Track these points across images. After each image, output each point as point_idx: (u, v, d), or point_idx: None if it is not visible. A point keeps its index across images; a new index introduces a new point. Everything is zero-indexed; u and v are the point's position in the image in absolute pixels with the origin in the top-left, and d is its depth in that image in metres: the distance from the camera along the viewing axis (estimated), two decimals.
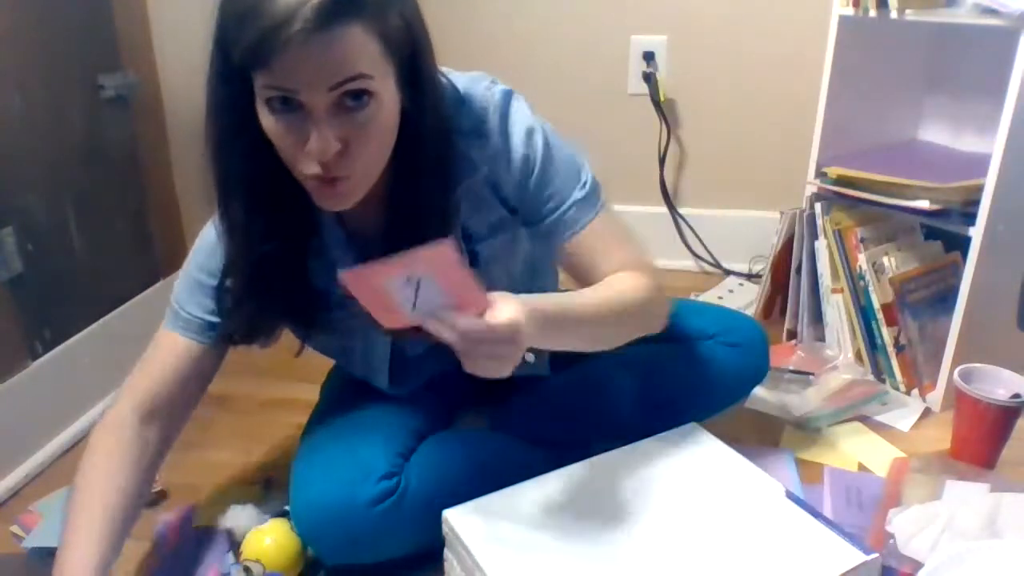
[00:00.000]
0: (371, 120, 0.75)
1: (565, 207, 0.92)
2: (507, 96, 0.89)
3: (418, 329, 0.74)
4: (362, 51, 0.71)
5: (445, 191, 0.86)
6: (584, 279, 0.92)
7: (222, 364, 0.98)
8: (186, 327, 0.93)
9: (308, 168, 0.75)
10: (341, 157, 0.75)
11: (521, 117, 0.89)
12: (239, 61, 0.71)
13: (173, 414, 0.95)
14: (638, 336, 0.93)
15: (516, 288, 0.78)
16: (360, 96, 0.73)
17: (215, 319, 0.92)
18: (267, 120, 0.75)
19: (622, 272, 0.91)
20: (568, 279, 0.98)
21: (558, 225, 0.92)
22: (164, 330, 0.95)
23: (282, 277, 0.88)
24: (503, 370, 0.73)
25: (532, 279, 1.03)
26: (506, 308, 0.71)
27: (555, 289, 1.09)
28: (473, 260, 0.93)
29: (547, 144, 0.90)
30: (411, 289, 0.70)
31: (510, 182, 0.91)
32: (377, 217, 0.88)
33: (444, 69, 0.87)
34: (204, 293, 0.92)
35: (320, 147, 0.73)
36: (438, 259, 0.68)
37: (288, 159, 0.77)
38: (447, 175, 0.86)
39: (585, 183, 0.93)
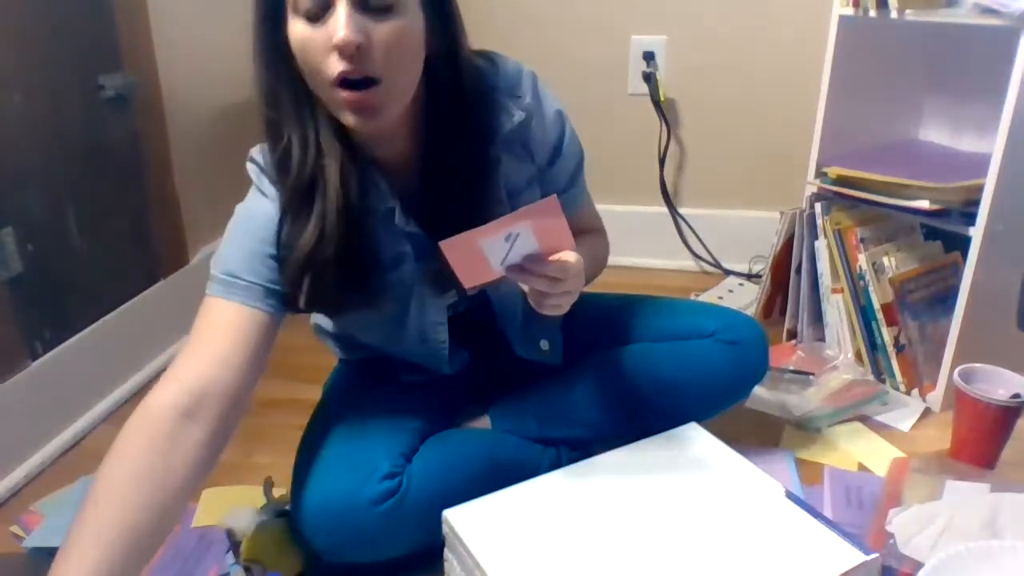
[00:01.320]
0: (396, 27, 0.77)
1: (575, 188, 1.05)
2: (535, 74, 0.96)
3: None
4: None
5: (484, 140, 0.90)
6: None
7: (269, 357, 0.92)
8: (247, 294, 0.86)
9: (335, 67, 0.76)
10: (366, 54, 0.76)
11: (551, 94, 0.97)
12: None
13: (224, 406, 0.82)
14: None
15: None
16: (385, 2, 0.76)
17: (277, 287, 0.87)
18: (296, 29, 0.77)
19: (593, 234, 1.10)
20: None
21: (570, 201, 1.02)
22: (217, 302, 0.86)
23: (348, 211, 0.85)
24: (568, 305, 0.86)
25: None
26: (573, 253, 0.82)
27: None
28: None
29: (570, 126, 1.00)
30: (508, 245, 0.76)
31: (542, 150, 0.97)
32: (416, 168, 0.90)
33: None
34: (262, 261, 0.87)
35: (344, 35, 0.74)
36: (545, 213, 0.75)
37: (316, 70, 0.78)
38: (485, 124, 0.90)
39: (582, 160, 1.05)
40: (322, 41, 0.76)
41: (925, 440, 1.24)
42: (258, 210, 0.89)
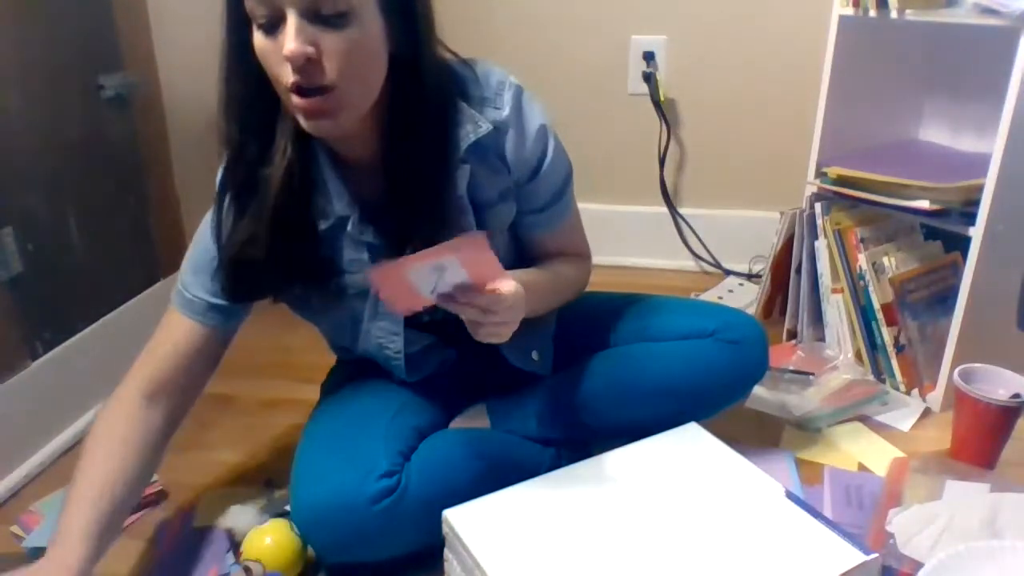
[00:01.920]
0: (350, 35, 0.78)
1: (559, 205, 1.02)
2: (520, 85, 0.95)
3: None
4: None
5: (448, 147, 0.89)
6: (536, 256, 1.05)
7: (224, 355, 1.00)
8: (191, 308, 0.95)
9: (287, 76, 0.78)
10: (316, 65, 0.77)
11: (538, 110, 0.96)
12: None
13: (178, 396, 0.96)
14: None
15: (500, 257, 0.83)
16: (335, 7, 0.76)
17: (220, 301, 0.94)
18: (256, 40, 0.79)
19: (567, 261, 1.07)
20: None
21: (548, 219, 1.02)
22: (171, 311, 0.97)
23: (288, 222, 0.88)
24: (507, 335, 0.86)
25: (507, 251, 1.06)
26: (508, 281, 0.82)
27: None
28: (480, 227, 0.96)
29: (557, 142, 0.98)
30: (436, 275, 0.76)
31: (520, 164, 0.96)
32: (378, 176, 0.90)
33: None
34: (208, 273, 0.93)
35: (292, 48, 0.75)
36: (471, 246, 0.75)
37: (274, 79, 0.80)
38: (445, 131, 0.89)
39: (569, 180, 1.03)
40: (276, 51, 0.78)
41: (925, 440, 1.24)
42: (210, 222, 0.94)
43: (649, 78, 1.82)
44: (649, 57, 1.81)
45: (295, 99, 0.79)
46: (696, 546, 0.84)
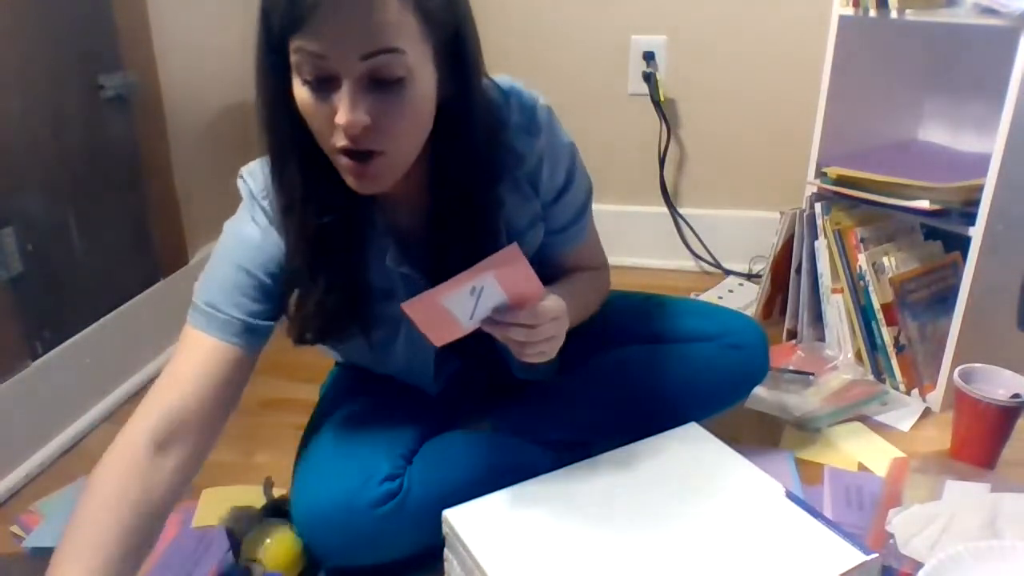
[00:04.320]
0: (405, 101, 0.74)
1: (580, 222, 1.00)
2: (549, 105, 0.91)
3: (463, 338, 0.79)
4: (397, 22, 0.71)
5: (491, 182, 0.87)
6: (555, 272, 1.00)
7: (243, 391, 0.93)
8: (224, 329, 0.85)
9: (337, 140, 0.74)
10: (370, 132, 0.74)
11: (563, 129, 0.93)
12: (278, 27, 0.72)
13: (193, 440, 0.83)
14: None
15: None
16: (394, 76, 0.72)
17: (257, 322, 0.87)
18: (300, 93, 0.74)
19: (591, 272, 1.05)
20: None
21: (570, 238, 1.01)
22: (195, 334, 0.86)
23: (344, 259, 0.85)
24: (553, 350, 0.84)
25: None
26: (550, 296, 0.81)
27: None
28: None
29: (580, 162, 0.97)
30: (473, 299, 0.73)
31: (549, 186, 0.93)
32: (420, 208, 0.88)
33: None
34: (244, 292, 0.86)
35: (349, 119, 0.72)
36: (506, 262, 0.72)
37: (319, 133, 0.77)
38: (493, 166, 0.86)
39: (590, 197, 1.01)
40: (325, 113, 0.74)
41: (925, 440, 1.24)
42: (247, 237, 0.87)
43: (649, 78, 1.81)
44: (649, 57, 1.81)
45: (343, 159, 0.76)
46: (696, 546, 0.83)
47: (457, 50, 0.78)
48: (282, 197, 0.84)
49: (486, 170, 0.86)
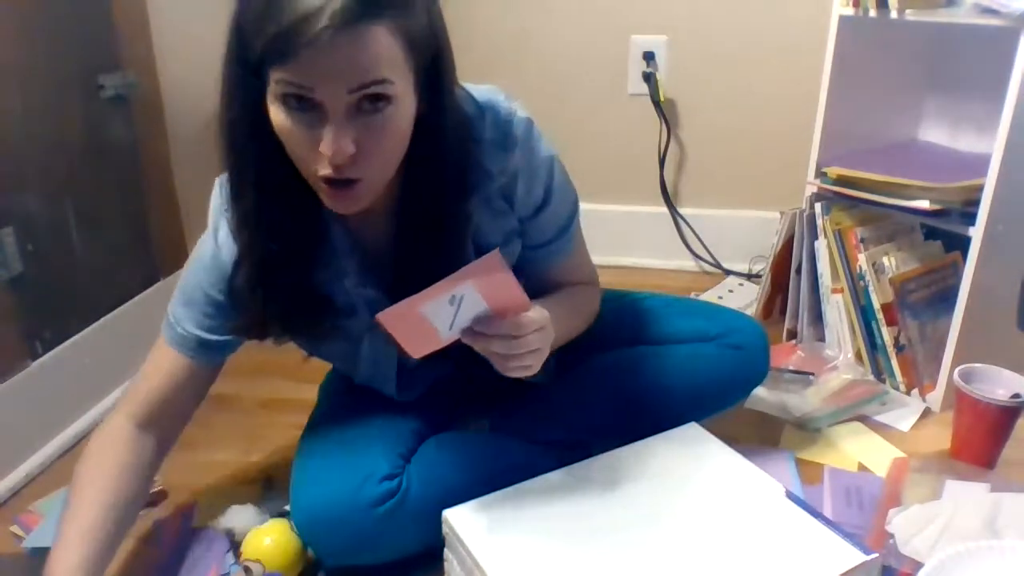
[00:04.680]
0: (387, 124, 0.74)
1: (563, 238, 0.98)
2: (529, 118, 0.89)
3: (442, 350, 0.77)
4: (386, 54, 0.70)
5: (460, 199, 0.85)
6: (544, 286, 0.97)
7: (211, 386, 0.98)
8: (182, 344, 0.92)
9: (320, 169, 0.74)
10: (354, 160, 0.73)
11: (545, 144, 0.91)
12: (259, 53, 0.70)
13: (169, 423, 0.96)
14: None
15: None
16: (379, 100, 0.72)
17: (211, 337, 0.91)
18: (279, 117, 0.73)
19: (579, 287, 1.01)
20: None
21: (554, 252, 0.98)
22: (161, 344, 0.95)
23: (286, 282, 0.86)
24: (538, 364, 0.81)
25: None
26: (535, 307, 0.79)
27: None
28: None
29: (562, 175, 0.94)
30: (453, 308, 0.72)
31: (526, 201, 0.91)
32: (386, 224, 0.87)
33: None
34: (200, 309, 0.90)
35: (335, 149, 0.71)
36: (487, 270, 0.70)
37: (299, 158, 0.76)
38: (463, 183, 0.85)
39: (576, 210, 0.98)
40: (308, 140, 0.73)
41: (925, 440, 1.24)
42: (203, 254, 0.90)
43: (649, 78, 1.81)
44: (649, 57, 1.81)
45: (322, 184, 0.76)
46: (696, 546, 0.84)
47: (435, 70, 0.78)
48: (235, 217, 0.84)
49: (455, 186, 0.84)
